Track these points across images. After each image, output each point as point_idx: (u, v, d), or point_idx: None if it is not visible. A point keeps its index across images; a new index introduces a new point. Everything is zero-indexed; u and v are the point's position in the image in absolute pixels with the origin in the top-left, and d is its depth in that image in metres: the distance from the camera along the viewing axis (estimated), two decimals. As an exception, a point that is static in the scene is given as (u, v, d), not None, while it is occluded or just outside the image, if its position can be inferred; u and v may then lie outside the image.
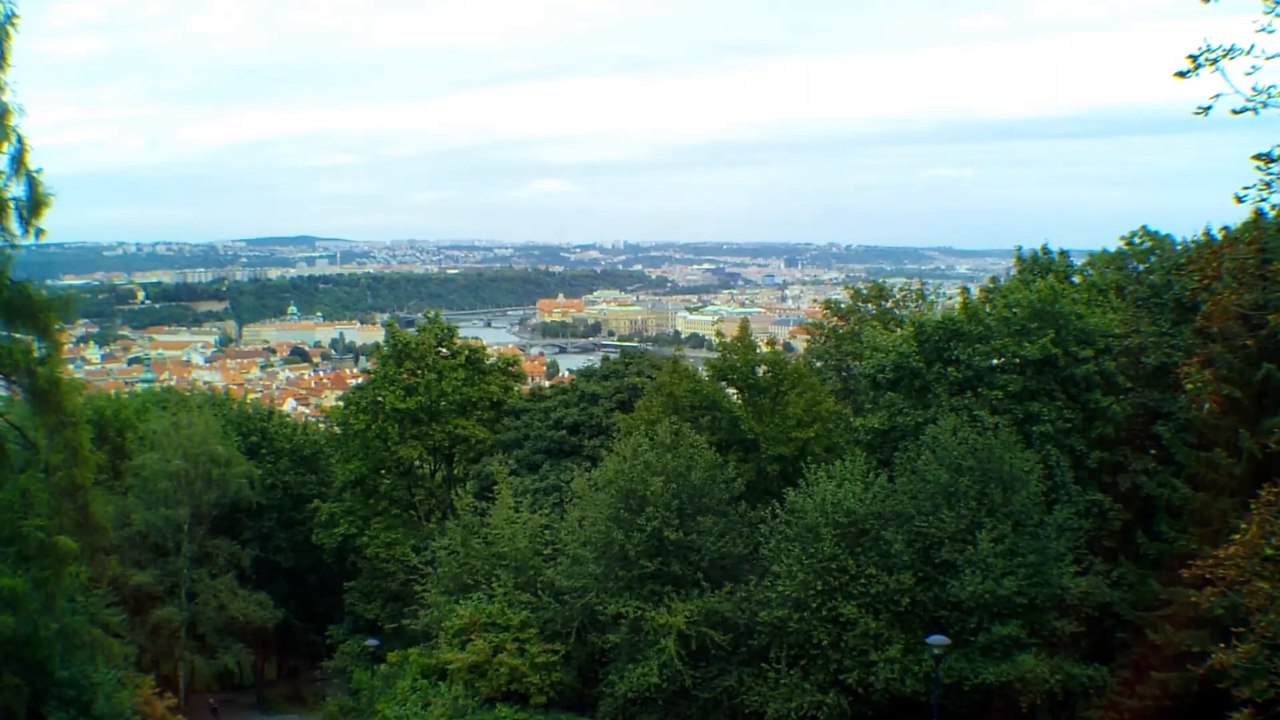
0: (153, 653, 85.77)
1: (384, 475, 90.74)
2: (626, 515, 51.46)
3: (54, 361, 50.28)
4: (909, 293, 75.57)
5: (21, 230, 49.47)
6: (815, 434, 58.12)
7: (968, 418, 49.89)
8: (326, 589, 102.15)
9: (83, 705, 55.86)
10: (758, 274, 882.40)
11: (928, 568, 47.26)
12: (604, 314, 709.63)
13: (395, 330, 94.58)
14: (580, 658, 54.33)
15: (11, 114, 48.28)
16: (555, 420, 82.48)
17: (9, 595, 47.45)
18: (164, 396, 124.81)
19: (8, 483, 49.31)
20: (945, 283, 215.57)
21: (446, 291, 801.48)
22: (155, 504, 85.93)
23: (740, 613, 50.38)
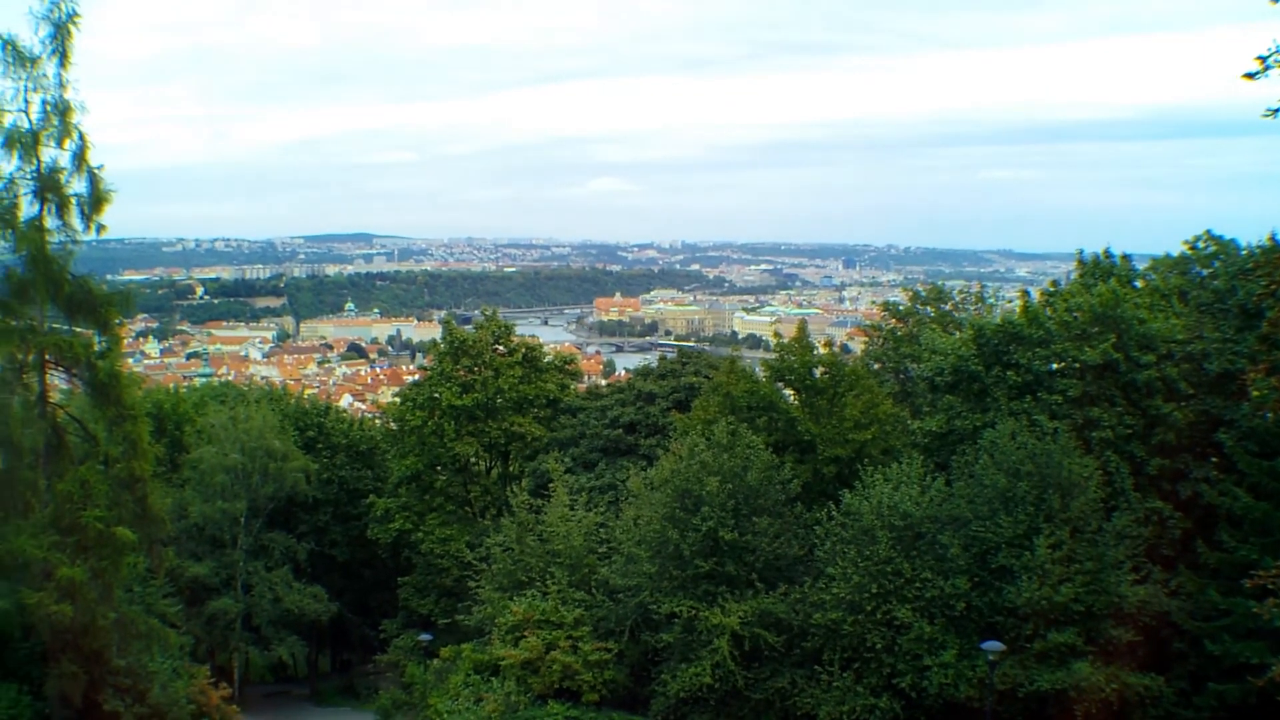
0: (208, 643, 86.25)
1: (440, 471, 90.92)
2: (682, 515, 51.40)
3: (114, 355, 50.77)
4: (968, 295, 75.33)
5: (83, 226, 50.03)
6: (872, 436, 57.90)
7: (1027, 422, 49.59)
8: (381, 584, 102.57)
9: (138, 694, 56.14)
10: (815, 275, 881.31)
11: (984, 572, 46.96)
12: (661, 313, 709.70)
13: (452, 327, 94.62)
14: (633, 656, 54.30)
15: (73, 112, 48.82)
16: (611, 419, 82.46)
17: (68, 584, 47.81)
18: (222, 391, 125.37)
19: (67, 474, 49.71)
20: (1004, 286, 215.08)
21: (503, 289, 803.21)
22: (212, 497, 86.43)
23: (794, 614, 50.24)
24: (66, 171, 49.43)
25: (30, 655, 52.77)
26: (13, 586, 49.02)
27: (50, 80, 48.46)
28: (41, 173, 48.75)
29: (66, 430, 53.01)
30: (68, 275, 49.83)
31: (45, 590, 47.99)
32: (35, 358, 50.53)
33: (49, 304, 50.21)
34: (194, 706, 60.32)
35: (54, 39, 47.94)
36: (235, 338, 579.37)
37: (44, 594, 47.72)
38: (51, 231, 49.37)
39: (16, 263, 49.77)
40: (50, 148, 48.94)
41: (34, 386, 51.14)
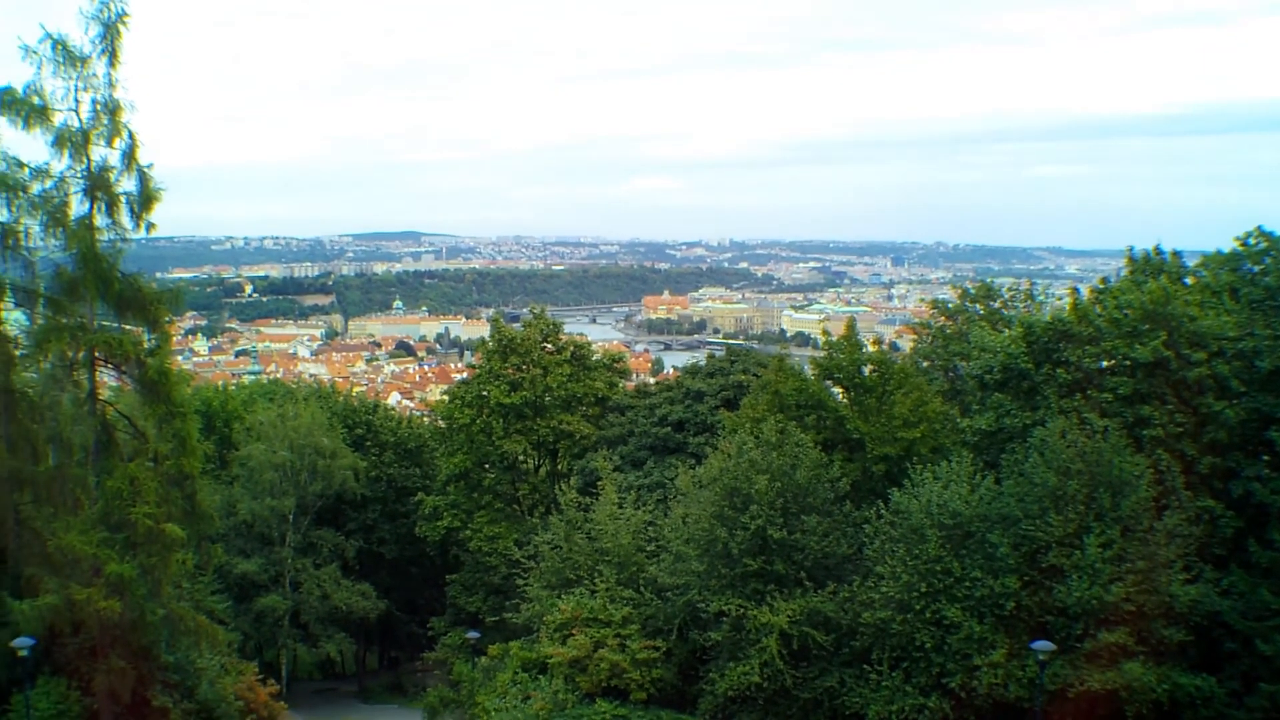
0: (256, 640, 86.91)
1: (488, 469, 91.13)
2: (730, 513, 51.23)
3: (163, 353, 51.01)
4: (1017, 293, 74.81)
5: (132, 224, 50.32)
6: (921, 434, 57.63)
7: (1077, 420, 49.20)
8: (429, 581, 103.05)
9: (187, 690, 56.55)
10: (864, 273, 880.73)
11: (1033, 572, 46.65)
12: (709, 311, 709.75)
13: (500, 325, 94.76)
14: (681, 655, 54.17)
15: (123, 111, 49.09)
16: (660, 417, 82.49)
17: (117, 580, 48.09)
18: (270, 388, 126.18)
19: (117, 471, 49.98)
20: (1054, 283, 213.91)
21: (552, 287, 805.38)
22: (261, 494, 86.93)
23: (843, 613, 50.03)
24: (116, 170, 49.70)
25: (79, 651, 53.01)
26: (62, 582, 49.24)
27: (100, 80, 48.78)
28: (91, 171, 49.04)
29: (116, 427, 53.30)
30: (117, 273, 50.09)
31: (94, 586, 48.31)
32: (85, 355, 50.85)
33: (99, 302, 50.50)
34: (242, 703, 60.66)
35: (103, 38, 48.24)
36: (284, 335, 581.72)
37: (93, 590, 48.02)
38: (101, 230, 49.68)
39: (67, 261, 50.08)
40: (100, 146, 49.27)
41: (84, 384, 51.47)
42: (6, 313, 52.59)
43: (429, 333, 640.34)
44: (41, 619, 48.12)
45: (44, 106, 48.21)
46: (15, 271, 51.15)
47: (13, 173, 49.28)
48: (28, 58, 47.89)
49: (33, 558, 51.82)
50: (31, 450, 52.11)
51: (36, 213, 49.51)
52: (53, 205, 49.24)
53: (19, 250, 50.47)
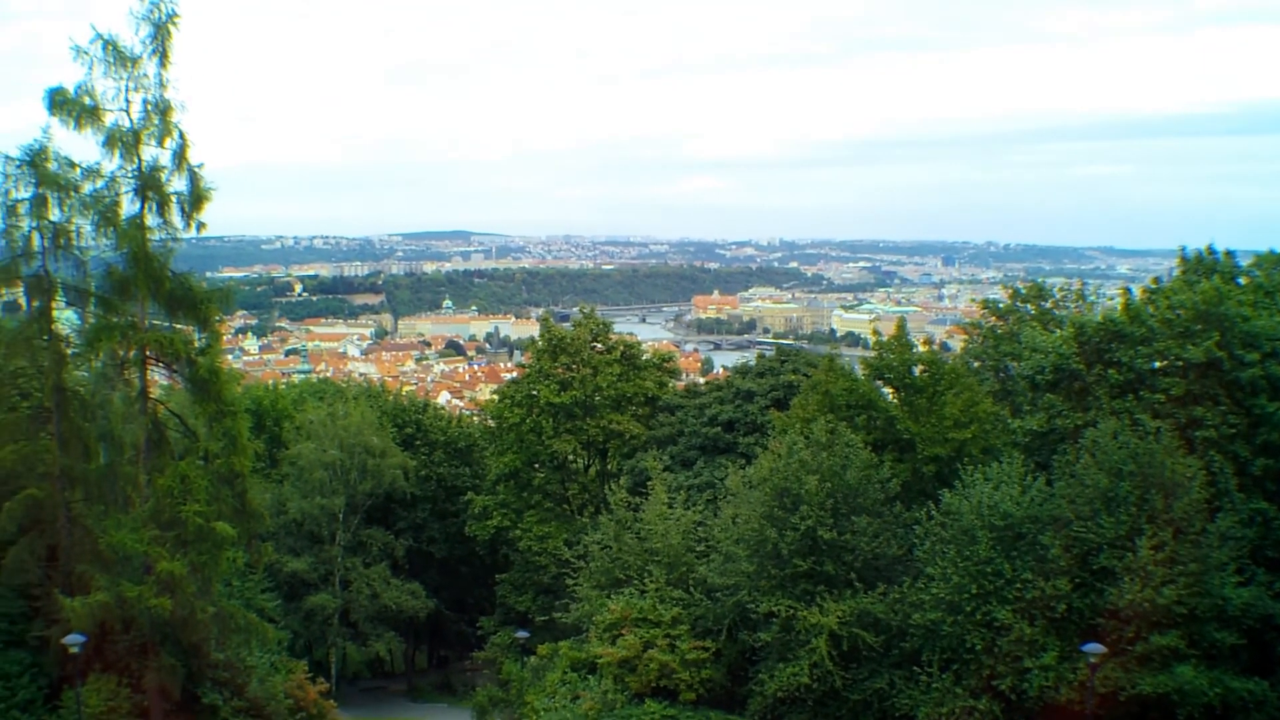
0: (306, 638, 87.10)
1: (538, 469, 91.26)
2: (780, 514, 51.14)
3: (213, 352, 51.25)
4: (1068, 293, 74.48)
5: (183, 223, 50.57)
6: (972, 435, 57.38)
7: (1128, 421, 48.90)
8: (478, 580, 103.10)
9: (236, 687, 56.77)
10: (914, 273, 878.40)
11: (1085, 574, 46.35)
12: (759, 311, 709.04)
13: (550, 325, 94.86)
14: (730, 655, 54.04)
15: (173, 110, 49.33)
16: (710, 417, 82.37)
17: (168, 578, 48.35)
18: (320, 387, 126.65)
19: (168, 469, 50.25)
20: (1105, 283, 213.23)
21: (601, 287, 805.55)
22: (311, 493, 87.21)
23: (893, 614, 49.87)
24: (167, 170, 49.94)
25: (130, 648, 53.32)
26: (113, 579, 49.54)
27: (151, 80, 49.06)
28: (142, 171, 49.30)
29: (167, 426, 53.59)
30: (168, 272, 50.32)
31: (145, 584, 48.59)
32: (136, 354, 51.11)
33: (150, 301, 50.79)
34: (291, 701, 60.84)
35: (154, 39, 48.51)
36: (333, 335, 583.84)
37: (144, 587, 48.30)
38: (152, 229, 49.95)
39: (118, 260, 50.37)
40: (151, 146, 49.56)
41: (135, 382, 51.75)
42: (58, 312, 52.85)
43: (478, 332, 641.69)
44: (92, 616, 48.36)
45: (95, 107, 48.50)
46: (67, 271, 51.50)
47: (64, 173, 49.66)
48: (79, 58, 48.21)
49: (84, 555, 52.18)
50: (83, 448, 52.46)
51: (88, 212, 49.87)
52: (104, 205, 49.51)
53: (71, 250, 50.86)
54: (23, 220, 49.72)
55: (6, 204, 49.29)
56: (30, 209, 49.56)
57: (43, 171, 49.10)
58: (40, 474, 51.72)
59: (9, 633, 51.68)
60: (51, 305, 51.54)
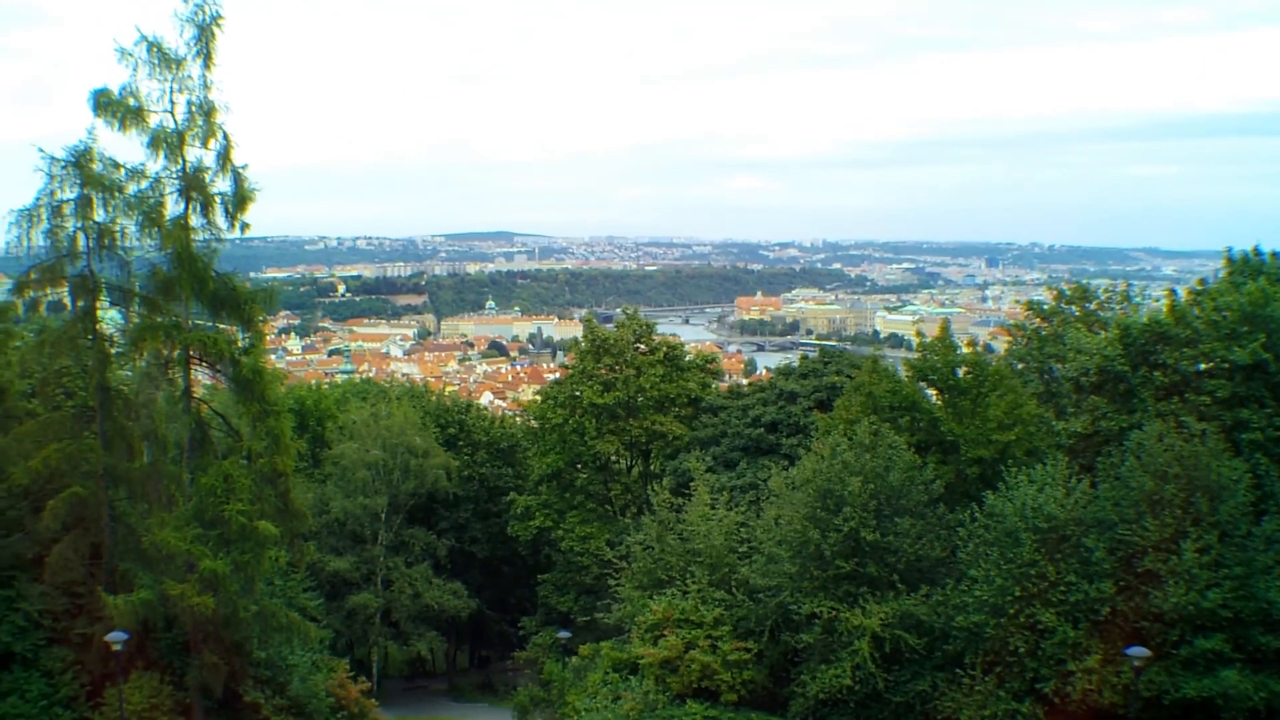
0: (348, 637, 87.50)
1: (580, 469, 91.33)
2: (823, 515, 50.98)
3: (257, 352, 51.50)
4: (1113, 294, 74.08)
5: (227, 224, 50.92)
6: (1016, 437, 57.07)
7: (1174, 424, 48.56)
8: (520, 581, 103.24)
9: (278, 686, 57.00)
10: (958, 274, 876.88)
11: (1129, 577, 46.07)
12: (802, 312, 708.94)
13: (593, 326, 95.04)
14: (772, 656, 53.91)
15: (217, 112, 49.65)
16: (753, 418, 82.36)
17: (211, 577, 48.57)
18: (363, 387, 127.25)
19: (211, 468, 50.49)
20: (1150, 284, 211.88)
21: (644, 288, 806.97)
22: (354, 492, 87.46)
23: (935, 616, 49.64)
24: (211, 171, 50.27)
25: (172, 646, 53.72)
26: (156, 578, 49.81)
27: (195, 81, 49.40)
28: (186, 172, 49.63)
29: (210, 425, 53.87)
30: (212, 273, 50.58)
31: (188, 582, 48.82)
32: (180, 354, 51.43)
33: (194, 301, 51.09)
34: (333, 699, 61.11)
35: (198, 41, 48.85)
36: (376, 335, 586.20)
37: (187, 586, 48.54)
38: (196, 230, 50.31)
39: (162, 260, 50.73)
40: (195, 147, 49.94)
41: (179, 382, 52.08)
42: (103, 311, 53.05)
43: (521, 333, 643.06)
44: (135, 613, 48.57)
45: (140, 108, 48.80)
46: (111, 271, 51.77)
47: (109, 173, 49.94)
48: (123, 60, 48.55)
49: (127, 553, 52.42)
50: (127, 447, 52.68)
51: (132, 213, 50.16)
52: (148, 205, 49.80)
53: (115, 250, 51.15)
54: (68, 220, 49.96)
55: (52, 204, 49.49)
56: (75, 209, 49.80)
57: (88, 172, 49.32)
58: (84, 472, 51.93)
59: (52, 629, 51.94)
60: (96, 305, 51.74)
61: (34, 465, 50.02)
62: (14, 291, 52.71)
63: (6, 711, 48.57)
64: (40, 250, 50.04)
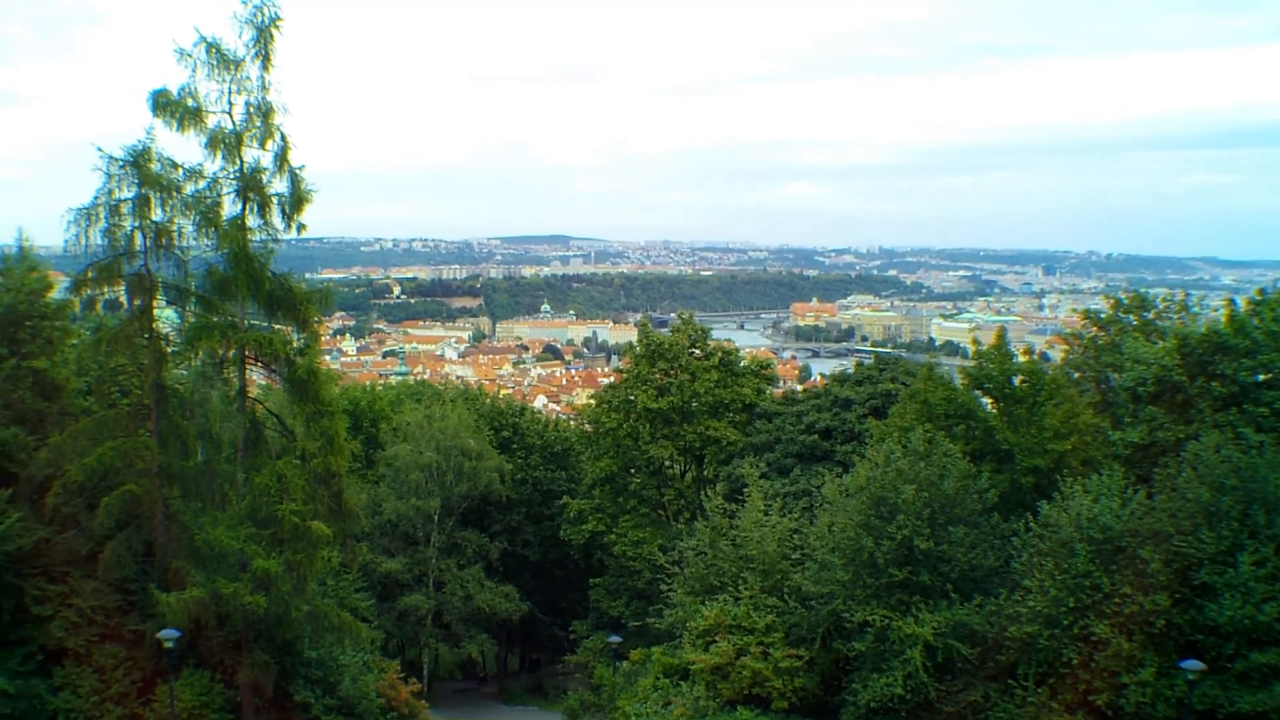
0: (399, 638, 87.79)
1: (634, 474, 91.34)
2: (877, 522, 50.79)
3: (312, 352, 51.72)
4: (1171, 304, 73.64)
5: (283, 225, 51.13)
6: (1072, 446, 56.77)
7: (1231, 435, 48.24)
8: (572, 584, 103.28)
9: (329, 685, 57.22)
10: (1014, 281, 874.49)
11: (1184, 589, 45.67)
12: (857, 319, 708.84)
13: (648, 330, 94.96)
14: (824, 664, 53.73)
15: (275, 113, 49.87)
16: (807, 424, 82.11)
17: (263, 576, 48.77)
18: (418, 389, 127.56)
19: (265, 468, 50.71)
20: (1209, 294, 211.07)
21: (700, 293, 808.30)
22: (407, 494, 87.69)
23: (988, 626, 49.35)
24: (268, 172, 50.47)
25: (224, 644, 53.88)
26: (209, 576, 50.04)
27: (253, 82, 49.62)
28: (244, 173, 49.85)
29: (265, 425, 54.07)
30: (268, 273, 50.81)
31: (241, 581, 49.04)
32: (235, 353, 51.62)
33: (249, 301, 51.31)
34: (383, 700, 61.33)
35: (256, 42, 49.08)
36: (431, 337, 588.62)
37: (239, 584, 48.76)
38: (253, 230, 50.52)
39: (218, 260, 51.00)
40: (253, 148, 50.15)
41: (234, 381, 52.29)
42: (159, 310, 53.33)
43: (576, 336, 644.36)
44: (187, 611, 48.79)
45: (198, 109, 49.04)
46: (168, 270, 52.07)
47: (167, 173, 50.18)
48: (182, 61, 48.78)
49: (180, 551, 52.62)
50: (181, 446, 52.91)
51: (189, 213, 50.40)
52: (205, 206, 50.04)
53: (172, 249, 51.42)
54: (125, 220, 50.20)
55: (110, 203, 49.71)
56: (133, 208, 50.02)
57: (146, 172, 49.55)
58: (139, 470, 52.14)
59: (105, 626, 52.05)
60: (152, 304, 51.99)
61: (89, 462, 50.22)
62: (71, 290, 53.02)
63: (59, 707, 48.85)
64: (98, 249, 50.26)
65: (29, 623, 49.69)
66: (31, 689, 48.48)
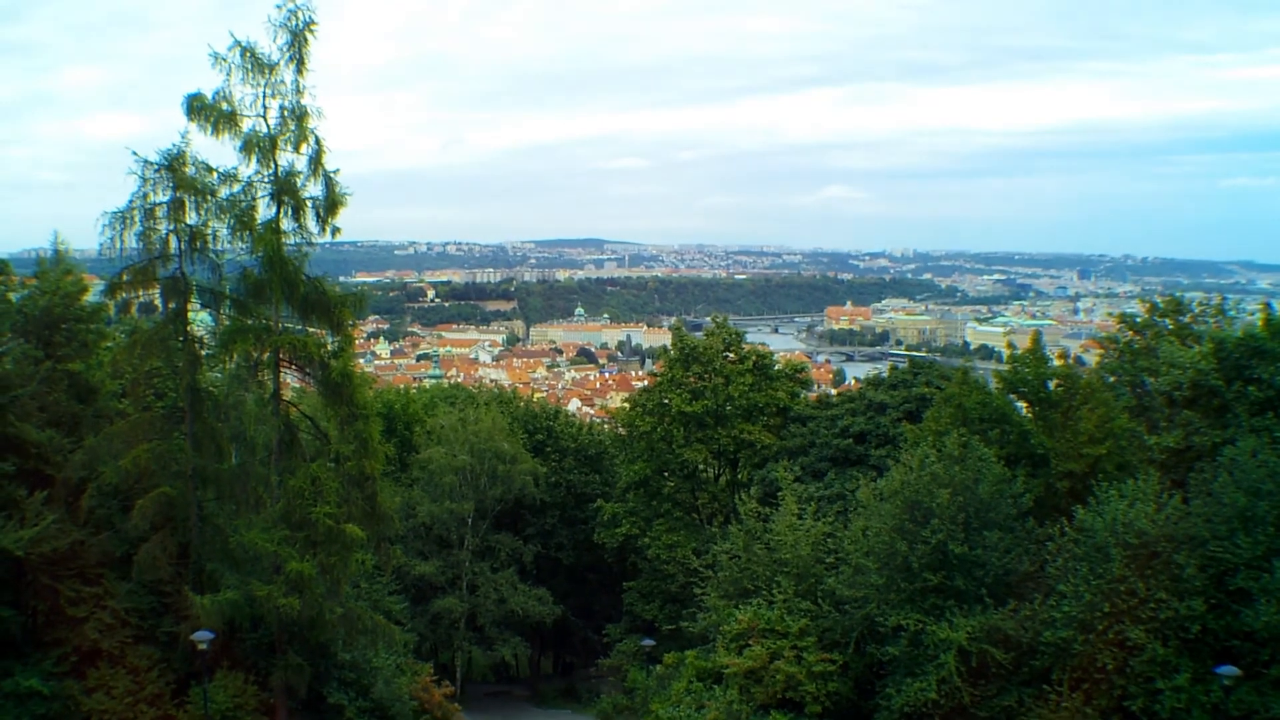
0: (432, 641, 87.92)
1: (668, 477, 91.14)
2: (911, 527, 50.69)
3: (346, 355, 51.93)
4: (1207, 308, 73.31)
5: (318, 228, 51.40)
6: (1107, 451, 56.52)
7: (1268, 439, 47.99)
8: (605, 588, 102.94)
9: (362, 688, 57.43)
10: (1049, 285, 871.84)
11: (1220, 594, 45.43)
12: (892, 323, 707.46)
13: (682, 334, 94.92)
14: (857, 668, 53.61)
15: (309, 117, 50.07)
16: (841, 428, 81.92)
17: (297, 578, 48.93)
18: (452, 392, 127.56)
19: (299, 470, 50.88)
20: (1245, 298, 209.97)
21: (734, 296, 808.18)
22: (440, 497, 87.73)
23: (1023, 631, 49.16)
24: (302, 175, 50.74)
25: (258, 646, 54.18)
26: (243, 578, 50.29)
27: (287, 86, 49.88)
28: (278, 176, 50.08)
29: (299, 428, 54.26)
30: (302, 276, 50.99)
31: (275, 583, 49.23)
32: (270, 356, 51.84)
33: (284, 304, 51.58)
34: (416, 703, 61.51)
35: (291, 46, 49.32)
36: (465, 340, 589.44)
37: (273, 587, 48.93)
38: (287, 234, 50.79)
39: (253, 263, 51.28)
40: (287, 152, 50.41)
41: (268, 384, 52.50)
42: (193, 313, 53.61)
43: (610, 340, 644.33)
44: (221, 613, 49.02)
45: (232, 112, 49.30)
46: (202, 273, 52.35)
47: (202, 177, 50.48)
48: (217, 65, 49.05)
49: (214, 553, 52.91)
50: (216, 448, 53.14)
51: (224, 216, 50.73)
52: (240, 209, 50.32)
53: (206, 252, 51.76)
54: (160, 223, 50.50)
55: (145, 207, 49.99)
56: (168, 212, 50.34)
57: (180, 176, 49.83)
58: (173, 473, 52.42)
59: (139, 628, 52.33)
60: (187, 307, 52.28)
61: (124, 465, 50.48)
62: (106, 293, 53.40)
63: (92, 708, 49.00)
64: (132, 252, 50.58)
65: (63, 624, 49.88)
66: (65, 690, 48.71)
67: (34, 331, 54.98)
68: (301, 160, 50.67)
